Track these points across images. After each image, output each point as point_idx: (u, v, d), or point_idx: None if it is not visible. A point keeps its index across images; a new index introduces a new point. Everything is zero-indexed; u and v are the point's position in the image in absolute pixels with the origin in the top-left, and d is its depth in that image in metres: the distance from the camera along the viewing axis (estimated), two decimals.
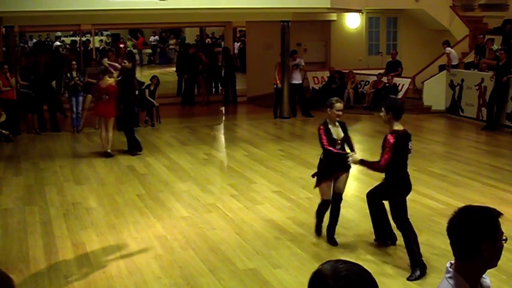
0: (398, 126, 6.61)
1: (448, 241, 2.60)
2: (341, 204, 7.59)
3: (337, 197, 7.55)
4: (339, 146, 7.42)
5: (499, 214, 2.58)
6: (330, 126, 7.40)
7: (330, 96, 7.91)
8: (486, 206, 2.64)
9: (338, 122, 7.48)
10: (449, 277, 2.58)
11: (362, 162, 6.98)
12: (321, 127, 7.41)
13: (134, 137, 12.52)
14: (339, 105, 7.36)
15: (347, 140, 7.53)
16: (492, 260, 2.58)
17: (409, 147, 6.75)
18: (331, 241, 7.50)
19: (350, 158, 7.09)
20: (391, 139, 6.50)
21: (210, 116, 17.64)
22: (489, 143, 13.69)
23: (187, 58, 19.72)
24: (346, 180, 7.58)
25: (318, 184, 7.58)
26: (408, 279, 6.52)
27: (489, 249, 2.53)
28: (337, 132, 7.43)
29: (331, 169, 7.44)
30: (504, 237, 2.58)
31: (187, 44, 23.52)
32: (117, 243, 7.60)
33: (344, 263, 1.94)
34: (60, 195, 9.78)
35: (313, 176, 7.65)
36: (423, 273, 6.53)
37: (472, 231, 2.52)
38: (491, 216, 2.56)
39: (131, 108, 12.51)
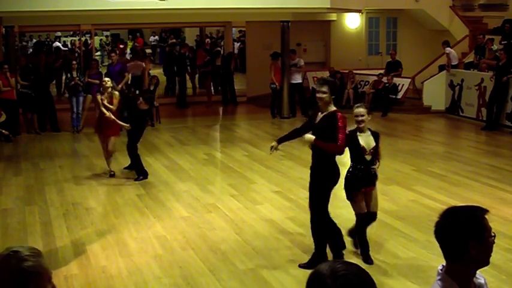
0: (333, 107, 6.47)
1: None
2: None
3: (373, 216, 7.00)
4: (369, 157, 6.74)
5: (485, 211, 2.56)
6: (357, 133, 6.75)
7: None
8: (472, 205, 2.62)
9: (370, 130, 6.88)
10: (439, 279, 2.58)
11: (317, 142, 6.34)
12: (346, 128, 6.43)
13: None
14: (358, 110, 6.77)
15: (376, 151, 6.84)
16: (482, 259, 2.56)
17: None
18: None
19: (304, 136, 6.46)
20: (342, 118, 6.31)
21: (209, 116, 17.63)
22: (489, 143, 13.68)
23: (176, 58, 19.31)
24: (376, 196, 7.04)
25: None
26: (301, 265, 6.67)
27: (477, 248, 2.51)
28: (366, 140, 6.77)
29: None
30: (492, 234, 2.56)
31: (175, 43, 23.12)
32: (117, 243, 7.61)
33: (342, 263, 1.94)
34: (60, 195, 9.78)
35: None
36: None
37: (457, 232, 2.51)
38: (475, 215, 2.54)
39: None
